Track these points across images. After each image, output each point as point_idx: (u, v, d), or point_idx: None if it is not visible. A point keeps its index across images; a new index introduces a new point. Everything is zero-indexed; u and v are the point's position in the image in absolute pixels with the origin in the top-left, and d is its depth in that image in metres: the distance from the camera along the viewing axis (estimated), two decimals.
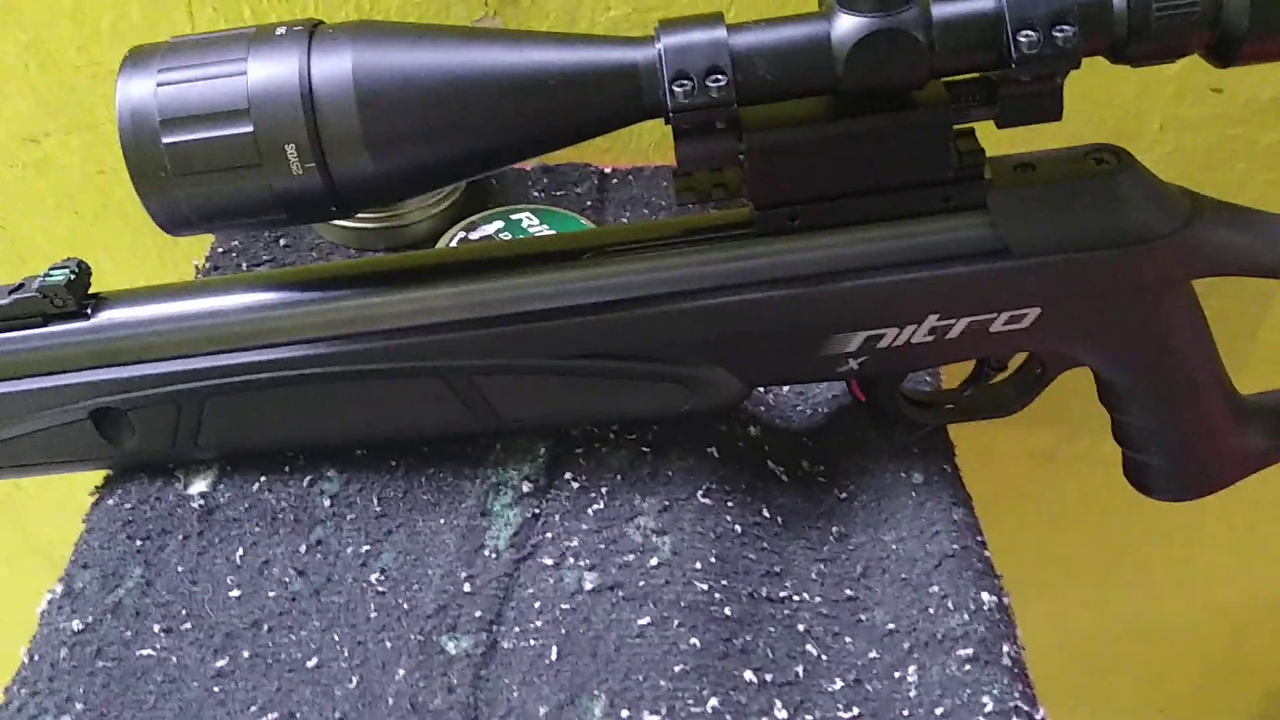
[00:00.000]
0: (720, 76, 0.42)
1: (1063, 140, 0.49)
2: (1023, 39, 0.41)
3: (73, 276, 0.49)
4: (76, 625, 0.47)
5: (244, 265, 0.68)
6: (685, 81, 0.42)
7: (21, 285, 0.49)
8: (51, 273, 0.49)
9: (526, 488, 0.51)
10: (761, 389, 0.57)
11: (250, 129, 0.41)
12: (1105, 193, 0.47)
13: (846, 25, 0.42)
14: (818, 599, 0.49)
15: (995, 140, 0.46)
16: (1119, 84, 0.52)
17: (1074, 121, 0.46)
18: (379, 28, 0.43)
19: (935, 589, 0.48)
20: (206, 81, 0.42)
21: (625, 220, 0.71)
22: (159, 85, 0.42)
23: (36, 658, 0.47)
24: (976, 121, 0.45)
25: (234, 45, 0.42)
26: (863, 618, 0.48)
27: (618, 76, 0.43)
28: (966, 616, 0.47)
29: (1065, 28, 0.41)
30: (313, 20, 0.44)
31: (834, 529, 0.52)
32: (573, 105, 0.43)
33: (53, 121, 0.77)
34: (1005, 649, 0.45)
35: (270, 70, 0.42)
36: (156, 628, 0.47)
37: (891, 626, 0.47)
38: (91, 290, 0.50)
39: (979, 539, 0.50)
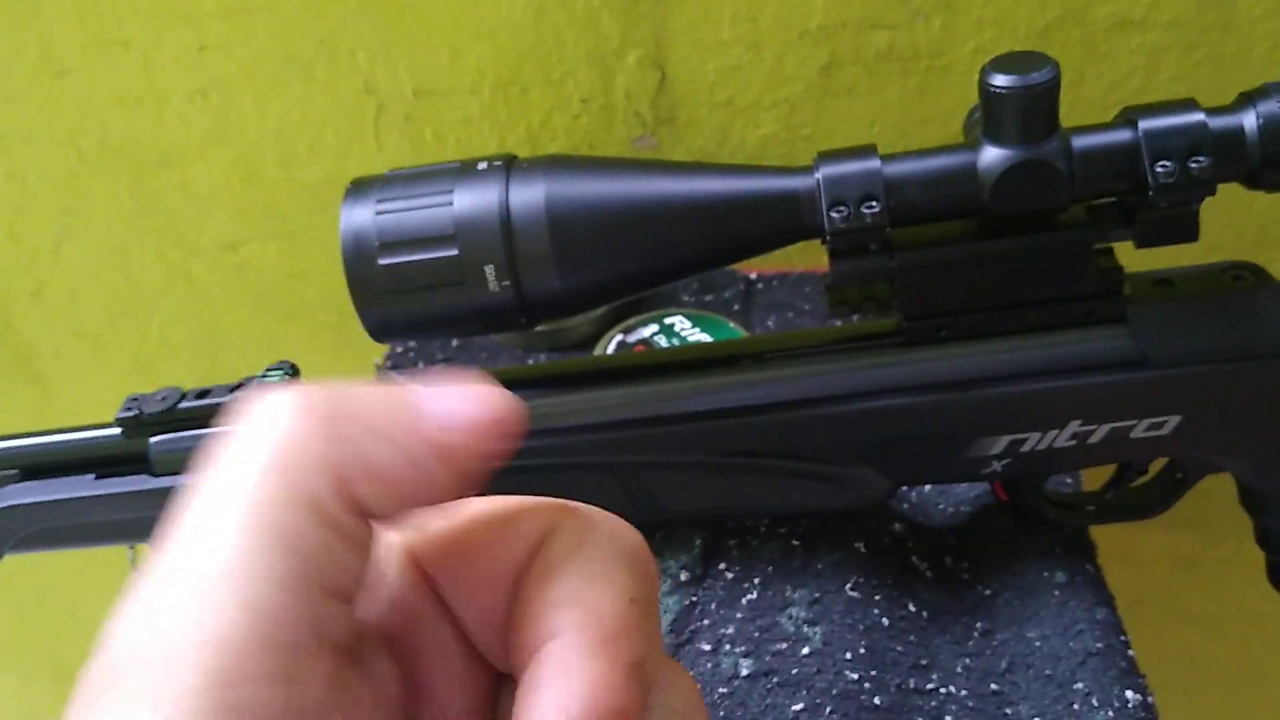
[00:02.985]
0: (874, 203, 0.46)
1: (1203, 248, 0.51)
2: (1159, 169, 0.44)
3: (287, 377, 0.55)
4: None
5: (420, 364, 0.74)
6: (842, 208, 0.46)
7: (242, 384, 0.55)
8: (269, 373, 0.55)
9: (684, 576, 0.55)
10: (906, 488, 0.60)
11: (456, 252, 0.47)
12: (1243, 307, 0.49)
13: (992, 157, 0.45)
14: (963, 692, 0.51)
15: (1135, 255, 0.49)
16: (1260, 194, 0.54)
17: (1214, 228, 0.48)
18: (568, 161, 0.48)
19: (1079, 686, 0.50)
20: (419, 210, 0.47)
21: (771, 322, 0.75)
22: (378, 213, 0.48)
23: None
24: (1116, 242, 0.48)
25: (442, 178, 0.48)
26: (1008, 712, 0.50)
27: (780, 203, 0.47)
28: (1111, 714, 0.48)
29: (1200, 159, 0.44)
30: (509, 155, 0.49)
31: (978, 625, 0.54)
32: (738, 229, 0.48)
33: (252, 230, 0.85)
34: None
35: (474, 200, 0.47)
36: None
37: None
38: None
39: (1122, 638, 0.52)
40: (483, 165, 0.48)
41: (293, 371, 0.55)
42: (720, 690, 0.50)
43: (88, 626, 1.14)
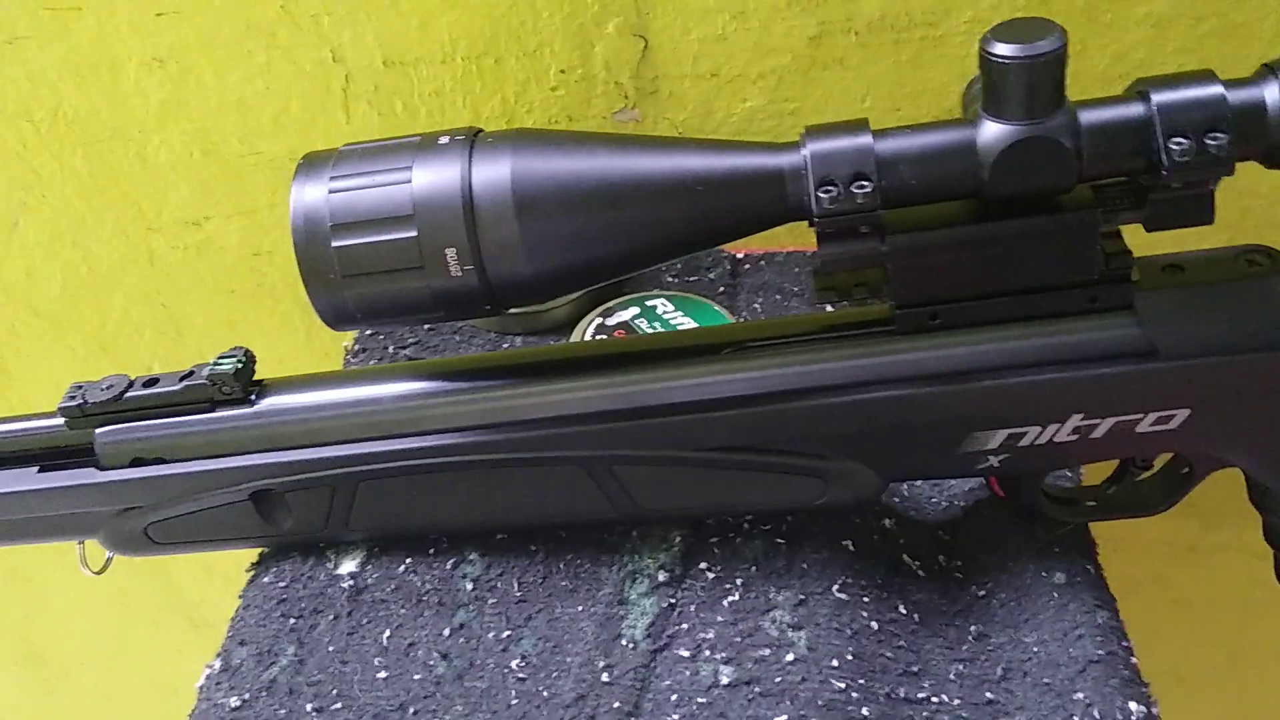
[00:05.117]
0: (865, 183, 0.43)
1: (1207, 230, 0.48)
2: (1174, 146, 0.41)
3: (240, 365, 0.51)
4: (234, 702, 0.49)
5: (390, 347, 0.70)
6: (831, 187, 0.43)
7: (192, 373, 0.52)
8: (220, 361, 0.52)
9: (662, 576, 0.52)
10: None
11: (414, 234, 0.44)
12: (1258, 295, 0.46)
13: (993, 133, 0.42)
14: (956, 701, 0.48)
15: (1143, 237, 0.46)
16: (1266, 170, 0.51)
17: (1219, 209, 0.45)
18: (536, 136, 0.45)
19: (1080, 696, 0.47)
20: (375, 189, 0.44)
21: (758, 305, 0.72)
22: (330, 191, 0.44)
23: None
24: (1124, 224, 0.45)
25: (400, 154, 0.45)
26: None
27: (764, 182, 0.44)
28: None
29: (1219, 135, 0.41)
30: (473, 129, 0.46)
31: (972, 628, 0.51)
32: (719, 210, 0.44)
33: (214, 206, 0.81)
34: None
35: (433, 178, 0.44)
36: (309, 707, 0.48)
37: None
38: (255, 377, 0.53)
39: (1125, 644, 0.49)
40: (444, 139, 0.45)
41: (246, 359, 0.52)
42: (699, 700, 0.47)
43: (57, 610, 1.11)
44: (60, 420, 0.53)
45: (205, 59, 0.74)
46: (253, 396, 0.52)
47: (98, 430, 0.52)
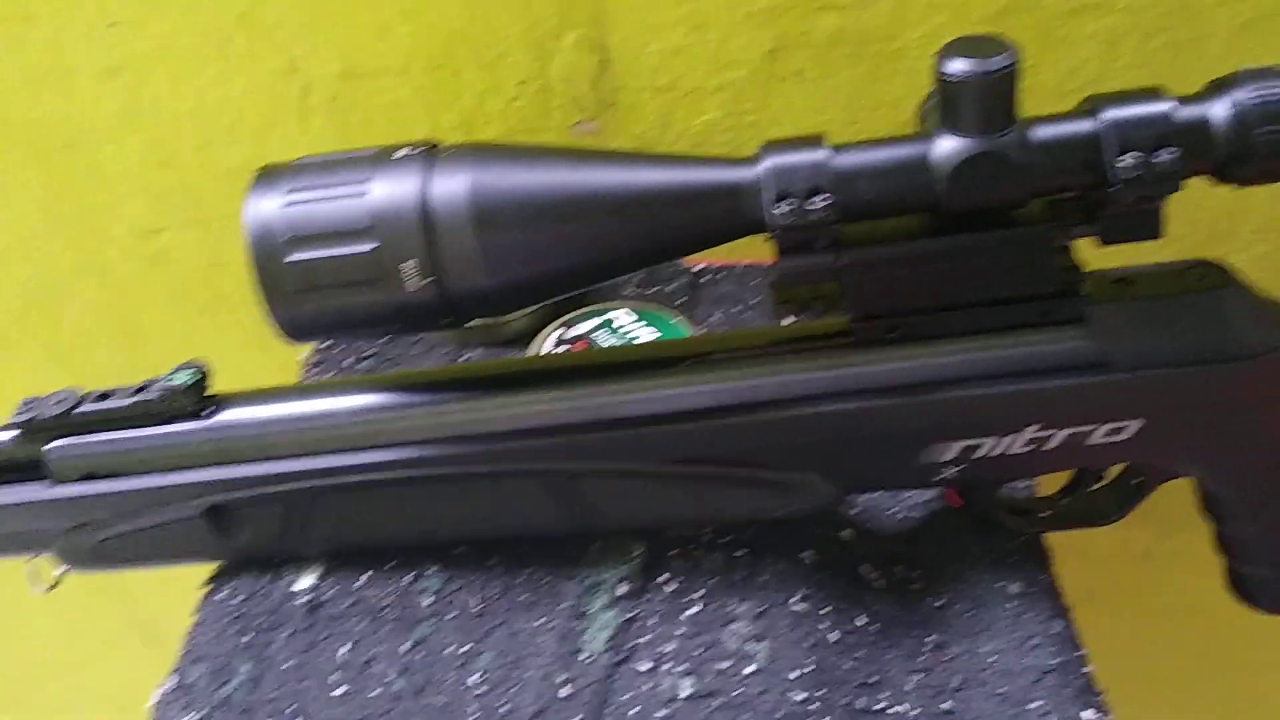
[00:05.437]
0: (822, 197, 0.43)
1: (1156, 243, 0.49)
2: (1123, 163, 0.42)
3: (194, 380, 0.51)
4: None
5: (347, 359, 0.70)
6: (787, 201, 0.43)
7: (144, 387, 0.51)
8: (174, 375, 0.51)
9: (622, 589, 0.52)
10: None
11: (372, 247, 0.43)
12: (1207, 308, 0.46)
13: (947, 147, 0.43)
14: (915, 711, 0.48)
15: (1093, 251, 0.46)
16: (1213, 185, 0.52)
17: (1168, 223, 0.45)
18: (494, 150, 0.45)
19: (1035, 705, 0.47)
20: (331, 202, 0.44)
21: (717, 316, 0.72)
22: (287, 204, 0.44)
23: None
24: (1077, 239, 0.46)
25: (357, 167, 0.44)
26: None
27: (722, 196, 0.44)
28: None
29: (1167, 152, 0.41)
30: (430, 142, 0.46)
31: (930, 638, 0.51)
32: (678, 224, 0.45)
33: (170, 217, 0.80)
34: None
35: (391, 191, 0.44)
36: None
37: None
38: (209, 391, 0.52)
39: (1078, 653, 0.50)
40: (401, 153, 0.45)
41: (200, 373, 0.52)
42: (659, 713, 0.47)
43: (10, 627, 1.08)
44: (10, 434, 0.52)
45: (161, 68, 0.74)
46: (206, 411, 0.51)
47: (48, 445, 0.51)
